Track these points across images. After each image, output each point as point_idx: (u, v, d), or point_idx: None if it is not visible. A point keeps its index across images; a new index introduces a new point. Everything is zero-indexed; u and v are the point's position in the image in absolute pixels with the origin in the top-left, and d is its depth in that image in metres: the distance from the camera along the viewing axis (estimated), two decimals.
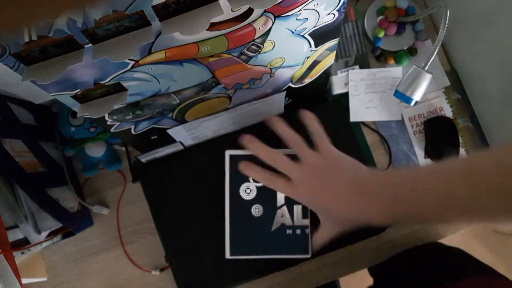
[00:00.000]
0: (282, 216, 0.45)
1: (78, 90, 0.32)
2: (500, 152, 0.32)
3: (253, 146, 0.41)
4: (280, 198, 0.45)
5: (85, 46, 0.28)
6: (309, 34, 0.37)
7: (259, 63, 0.38)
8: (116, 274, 0.59)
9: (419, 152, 0.61)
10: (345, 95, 0.61)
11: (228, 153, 0.45)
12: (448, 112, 0.61)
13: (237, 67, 0.38)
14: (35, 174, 0.49)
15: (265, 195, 0.45)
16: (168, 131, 0.48)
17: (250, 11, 0.29)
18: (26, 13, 0.15)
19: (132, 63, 0.31)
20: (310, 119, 0.43)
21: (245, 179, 0.45)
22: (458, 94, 0.62)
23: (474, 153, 0.39)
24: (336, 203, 0.37)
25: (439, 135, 0.60)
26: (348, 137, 0.59)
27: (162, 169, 0.55)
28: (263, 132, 0.56)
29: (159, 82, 0.35)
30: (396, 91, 0.54)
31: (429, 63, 0.50)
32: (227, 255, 0.45)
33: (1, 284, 0.38)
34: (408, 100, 0.53)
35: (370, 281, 0.71)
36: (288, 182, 0.39)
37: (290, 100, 0.54)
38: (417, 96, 0.52)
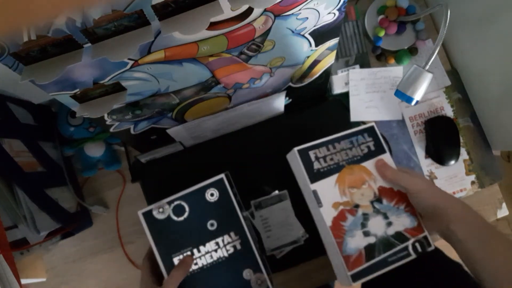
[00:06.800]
0: None
1: (77, 89, 0.32)
2: None
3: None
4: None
5: (85, 45, 0.28)
6: (310, 34, 0.37)
7: (259, 62, 0.38)
8: (115, 274, 0.59)
9: (420, 152, 0.60)
10: (346, 95, 0.61)
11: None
12: (448, 111, 0.61)
13: (237, 67, 0.38)
14: (34, 174, 0.49)
15: None
16: (168, 131, 0.47)
17: (250, 11, 0.29)
18: (25, 13, 0.15)
19: (131, 62, 0.31)
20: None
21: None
22: (459, 94, 0.62)
23: None
24: None
25: (440, 135, 0.59)
26: None
27: (162, 169, 0.55)
28: (263, 132, 0.56)
29: (158, 81, 0.35)
30: (397, 90, 0.54)
31: (429, 63, 0.50)
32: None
33: (1, 284, 0.38)
34: (408, 99, 0.53)
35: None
36: None
37: (291, 100, 0.54)
38: (417, 95, 0.52)
